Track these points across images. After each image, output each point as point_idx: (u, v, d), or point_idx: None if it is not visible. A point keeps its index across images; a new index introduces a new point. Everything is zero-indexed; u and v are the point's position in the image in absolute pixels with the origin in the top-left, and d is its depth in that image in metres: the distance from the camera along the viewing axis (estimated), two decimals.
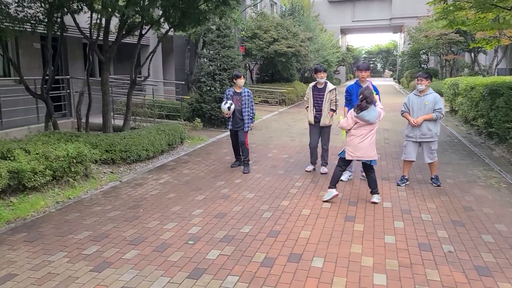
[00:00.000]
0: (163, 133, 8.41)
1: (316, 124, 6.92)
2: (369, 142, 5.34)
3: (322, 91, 6.78)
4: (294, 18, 25.36)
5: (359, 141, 5.32)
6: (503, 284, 3.35)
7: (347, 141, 5.47)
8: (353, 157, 5.42)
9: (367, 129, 5.33)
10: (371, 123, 5.30)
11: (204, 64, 12.25)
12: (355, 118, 5.35)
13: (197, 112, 12.00)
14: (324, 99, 6.77)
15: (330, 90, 6.78)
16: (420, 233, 4.38)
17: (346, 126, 5.44)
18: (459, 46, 25.61)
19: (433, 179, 6.22)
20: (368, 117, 5.24)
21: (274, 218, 4.87)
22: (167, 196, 5.74)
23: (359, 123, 5.33)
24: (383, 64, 73.20)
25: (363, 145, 5.32)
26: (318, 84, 6.83)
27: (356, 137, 5.35)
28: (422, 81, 6.10)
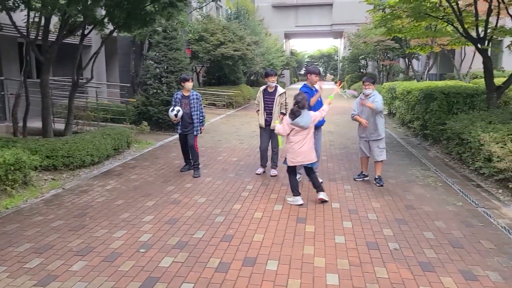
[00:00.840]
0: (108, 137, 8.12)
1: (267, 128, 7.00)
2: (308, 146, 5.52)
3: (272, 95, 6.88)
4: (239, 22, 25.52)
5: (299, 147, 5.50)
6: (445, 278, 3.58)
7: (287, 148, 5.64)
8: (295, 162, 5.57)
9: (304, 134, 5.50)
10: (306, 128, 5.48)
11: (151, 66, 11.99)
12: (291, 125, 5.50)
13: (144, 116, 11.72)
14: (274, 103, 6.87)
15: (280, 94, 6.89)
16: (368, 232, 4.57)
17: (282, 132, 5.61)
18: (395, 52, 27.01)
19: (376, 179, 6.52)
20: (302, 122, 5.42)
21: (227, 222, 4.88)
22: (115, 203, 5.56)
23: (296, 129, 5.49)
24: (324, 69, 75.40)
25: (303, 149, 5.50)
26: (268, 87, 6.92)
27: (295, 143, 5.51)
28: (370, 86, 6.42)
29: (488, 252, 4.08)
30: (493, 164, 6.11)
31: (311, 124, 5.51)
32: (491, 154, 6.20)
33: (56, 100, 11.80)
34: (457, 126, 7.74)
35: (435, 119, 9.32)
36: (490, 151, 6.28)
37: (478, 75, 20.90)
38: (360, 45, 28.85)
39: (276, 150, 7.13)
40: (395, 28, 11.17)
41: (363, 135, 6.64)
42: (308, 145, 5.52)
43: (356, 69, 36.59)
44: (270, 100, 6.91)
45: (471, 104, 9.43)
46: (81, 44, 8.88)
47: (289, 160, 5.59)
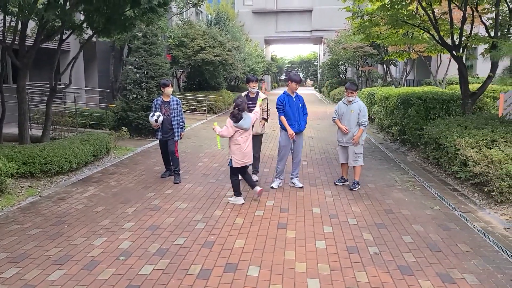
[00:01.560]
0: (87, 143, 8.01)
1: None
2: (250, 147, 5.88)
3: (254, 100, 6.86)
4: (220, 27, 25.55)
5: (245, 148, 5.76)
6: (424, 281, 3.65)
7: (233, 150, 5.80)
8: (241, 164, 5.78)
9: (246, 136, 5.81)
10: (247, 130, 5.77)
11: (130, 71, 11.88)
12: (234, 128, 5.70)
13: (123, 121, 11.59)
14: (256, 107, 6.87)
15: (262, 99, 6.83)
16: (348, 237, 4.62)
17: (226, 134, 5.78)
18: (373, 59, 27.47)
19: (352, 184, 6.60)
20: (245, 125, 5.72)
21: (208, 228, 4.86)
22: (94, 210, 5.48)
23: (240, 131, 5.73)
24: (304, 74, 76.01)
25: (248, 150, 5.82)
26: (250, 93, 6.93)
27: (241, 144, 5.74)
28: (353, 93, 6.50)
29: (464, 255, 4.18)
30: (468, 169, 6.27)
31: (251, 126, 5.88)
32: (466, 158, 6.36)
33: (33, 105, 11.58)
34: (434, 131, 7.91)
35: (413, 124, 9.50)
36: (466, 155, 6.44)
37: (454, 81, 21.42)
38: (339, 51, 29.20)
39: (257, 155, 7.11)
40: (373, 35, 11.37)
41: (340, 139, 6.73)
42: (250, 146, 5.88)
43: (335, 75, 37.03)
44: (252, 106, 6.90)
45: (447, 109, 9.66)
46: (59, 49, 8.73)
47: (236, 162, 5.77)
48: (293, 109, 6.50)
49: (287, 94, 6.54)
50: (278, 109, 6.60)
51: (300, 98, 6.64)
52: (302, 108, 6.61)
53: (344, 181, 6.85)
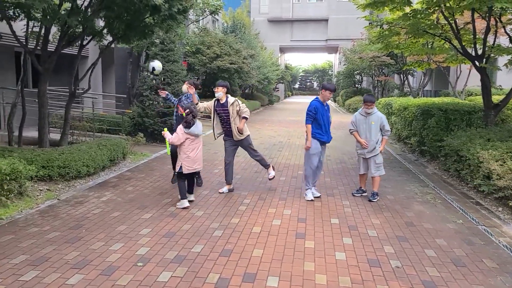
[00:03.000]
0: (104, 148, 8.05)
1: (230, 141, 6.81)
2: (201, 153, 5.95)
3: (224, 106, 6.59)
4: (236, 35, 25.67)
5: (195, 154, 5.81)
6: None
7: (183, 157, 5.78)
8: (191, 170, 5.83)
9: (198, 142, 5.88)
10: (199, 136, 5.83)
11: (147, 77, 11.97)
12: (186, 134, 5.70)
13: (139, 127, 11.65)
14: (229, 114, 6.58)
15: (231, 103, 6.57)
16: (368, 249, 4.51)
17: (176, 141, 5.77)
18: (390, 68, 27.28)
19: (371, 195, 6.48)
20: (197, 131, 5.73)
21: (225, 236, 4.80)
22: (111, 215, 5.46)
23: (191, 138, 5.74)
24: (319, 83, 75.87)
25: (198, 156, 5.87)
26: (219, 99, 6.64)
27: (192, 151, 5.76)
28: (372, 106, 6.41)
29: (490, 271, 4.04)
30: (492, 182, 6.11)
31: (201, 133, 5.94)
32: (490, 171, 6.20)
33: (52, 110, 11.72)
34: (455, 143, 7.76)
35: (433, 135, 9.34)
36: (490, 168, 6.29)
37: (473, 93, 21.12)
38: (355, 61, 29.09)
39: (258, 157, 6.98)
40: (393, 44, 11.28)
41: (361, 151, 6.61)
42: (201, 153, 5.95)
43: (351, 84, 36.83)
44: (223, 111, 6.62)
45: (469, 121, 9.46)
46: (79, 54, 8.83)
47: (186, 168, 5.77)
48: (324, 118, 6.35)
49: (319, 101, 6.39)
50: (308, 116, 6.35)
51: (328, 107, 6.55)
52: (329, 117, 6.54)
53: (363, 192, 6.73)
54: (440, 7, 7.90)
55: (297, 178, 7.92)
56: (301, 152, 10.81)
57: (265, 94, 33.97)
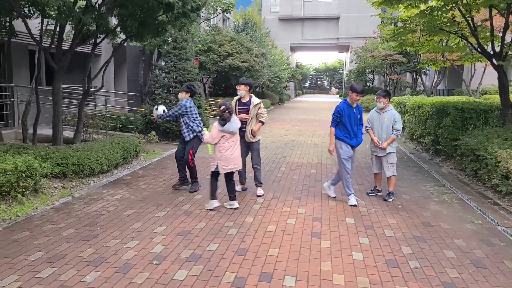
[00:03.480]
0: (117, 146, 8.06)
1: (242, 141, 6.33)
2: (238, 152, 5.68)
3: (247, 105, 6.38)
4: (247, 34, 25.63)
5: (231, 153, 5.57)
6: None
7: (218, 156, 5.61)
8: (227, 169, 5.62)
9: (234, 140, 5.62)
10: (235, 133, 5.59)
11: (159, 76, 11.99)
12: (220, 132, 5.52)
13: (151, 125, 11.67)
14: (249, 114, 6.35)
15: (255, 104, 6.39)
16: (386, 249, 4.44)
17: (211, 140, 5.62)
18: (403, 67, 27.02)
19: (386, 194, 6.40)
20: (231, 128, 5.51)
21: (240, 235, 4.76)
22: (125, 212, 5.46)
23: (226, 136, 5.52)
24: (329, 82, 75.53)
25: (235, 155, 5.64)
26: (242, 98, 6.43)
27: (227, 150, 5.54)
28: (380, 99, 6.33)
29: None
30: (511, 182, 5.99)
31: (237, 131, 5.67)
32: (508, 171, 6.08)
33: (65, 108, 11.79)
34: (472, 142, 7.63)
35: (448, 134, 9.21)
36: (508, 168, 6.17)
37: (487, 91, 20.82)
38: (367, 59, 28.86)
39: (258, 166, 6.60)
40: (407, 42, 11.15)
41: (374, 149, 6.54)
42: (238, 151, 5.69)
43: (362, 83, 36.59)
44: (245, 110, 6.37)
45: (485, 120, 9.31)
46: (93, 52, 8.86)
47: (222, 168, 5.61)
48: (351, 121, 6.12)
49: (347, 103, 6.14)
50: (333, 119, 6.19)
51: (359, 109, 6.24)
52: (360, 119, 6.26)
53: (378, 191, 6.65)
54: (457, 4, 7.77)
55: (310, 177, 7.86)
56: (313, 151, 10.74)
57: (275, 93, 33.89)
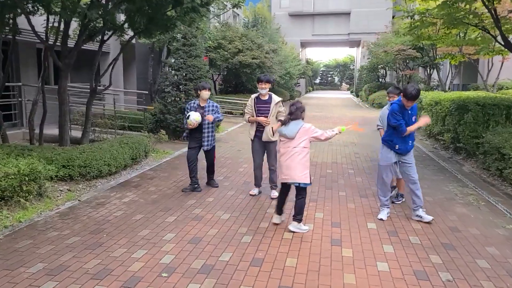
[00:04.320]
0: (126, 146, 7.82)
1: (259, 141, 6.16)
2: (292, 161, 4.75)
3: (267, 103, 6.02)
4: (257, 30, 25.28)
5: (285, 160, 4.81)
6: None
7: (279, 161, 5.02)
8: (283, 179, 4.88)
9: (289, 146, 4.80)
10: (291, 138, 4.78)
11: (169, 73, 11.73)
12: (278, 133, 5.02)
13: (161, 124, 11.42)
14: (270, 112, 6.00)
15: (276, 103, 6.06)
16: (413, 259, 4.10)
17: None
18: (416, 62, 26.45)
19: (397, 196, 6.04)
20: (284, 131, 4.83)
21: (255, 243, 4.45)
22: (133, 217, 5.19)
23: (283, 140, 4.91)
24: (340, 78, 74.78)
25: (289, 164, 4.76)
26: (261, 95, 6.09)
27: (282, 155, 4.89)
28: (394, 97, 5.89)
29: None
30: None
31: (299, 137, 4.77)
32: None
33: (73, 106, 11.60)
34: (497, 139, 7.22)
35: (469, 131, 8.79)
36: None
37: (503, 86, 20.22)
38: (379, 54, 28.32)
39: (273, 168, 6.20)
40: (424, 36, 10.73)
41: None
42: (293, 160, 4.74)
43: (374, 79, 36.02)
44: (265, 109, 6.04)
45: (509, 116, 8.87)
46: (100, 50, 8.62)
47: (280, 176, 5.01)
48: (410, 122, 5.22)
49: (402, 106, 5.18)
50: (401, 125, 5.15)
51: (414, 110, 5.30)
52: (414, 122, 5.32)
53: (402, 198, 6.21)
54: None
55: (326, 177, 7.53)
56: (327, 149, 10.39)
57: (286, 89, 33.50)
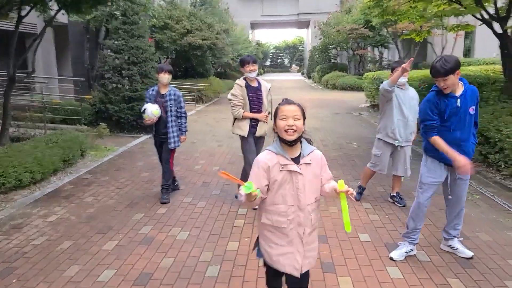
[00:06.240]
0: (55, 146, 6.44)
1: (252, 137, 5.00)
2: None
3: (258, 91, 4.92)
4: (206, 10, 23.76)
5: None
6: None
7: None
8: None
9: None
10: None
11: (108, 56, 10.22)
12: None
13: (102, 115, 9.95)
14: (263, 102, 4.93)
15: (268, 89, 5.01)
16: (429, 285, 3.20)
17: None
18: (368, 41, 26.09)
19: (395, 197, 5.11)
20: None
21: (224, 277, 3.37)
22: (60, 246, 3.94)
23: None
24: (290, 60, 74.32)
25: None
26: (249, 81, 4.93)
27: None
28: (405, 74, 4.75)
29: None
30: None
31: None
32: None
33: None
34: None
35: None
36: None
37: None
38: (331, 34, 27.73)
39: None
40: (389, 10, 9.95)
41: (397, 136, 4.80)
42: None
43: (326, 59, 35.56)
44: (257, 99, 4.91)
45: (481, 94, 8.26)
46: (17, 29, 7.05)
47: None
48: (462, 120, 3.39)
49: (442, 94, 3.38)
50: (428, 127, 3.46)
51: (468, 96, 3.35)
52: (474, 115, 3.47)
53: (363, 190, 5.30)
54: None
55: None
56: None
57: (239, 73, 32.31)
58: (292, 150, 2.35)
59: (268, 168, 2.30)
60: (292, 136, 2.26)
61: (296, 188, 2.32)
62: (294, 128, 2.26)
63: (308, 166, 2.36)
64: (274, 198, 2.34)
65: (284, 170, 2.30)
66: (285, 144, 2.32)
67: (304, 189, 2.33)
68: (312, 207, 2.38)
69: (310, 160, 2.37)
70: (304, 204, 2.33)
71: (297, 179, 2.32)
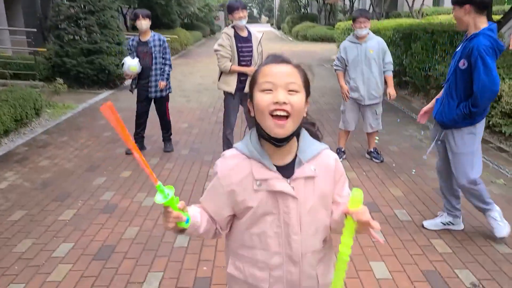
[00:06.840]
0: (5, 104, 5.84)
1: (239, 95, 4.48)
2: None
3: (248, 42, 4.42)
4: None
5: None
6: None
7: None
8: None
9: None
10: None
11: (62, 5, 9.33)
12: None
13: (59, 69, 9.22)
14: (253, 55, 4.43)
15: (259, 40, 4.52)
16: (412, 247, 3.03)
17: None
18: None
19: (372, 153, 4.93)
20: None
21: (195, 247, 3.08)
22: (10, 218, 3.54)
23: None
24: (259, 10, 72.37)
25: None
26: (239, 30, 4.41)
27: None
28: (365, 23, 4.56)
29: None
30: None
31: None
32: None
33: None
34: None
35: (417, 63, 7.90)
36: (510, 102, 5.03)
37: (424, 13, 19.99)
38: None
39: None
40: None
41: (356, 95, 4.67)
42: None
43: (296, 9, 34.63)
44: (247, 50, 4.42)
45: (453, 44, 7.99)
46: None
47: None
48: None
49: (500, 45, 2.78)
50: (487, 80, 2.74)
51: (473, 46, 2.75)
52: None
53: (343, 153, 5.06)
54: None
55: None
56: None
57: (206, 24, 31.02)
58: (279, 151, 1.27)
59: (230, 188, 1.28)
60: (282, 128, 1.18)
61: (285, 224, 1.28)
62: (288, 110, 1.18)
63: (310, 183, 1.29)
64: (245, 237, 1.32)
65: (263, 190, 1.25)
66: (268, 141, 1.25)
67: (301, 224, 1.29)
68: (315, 258, 1.35)
69: (315, 170, 1.29)
70: (299, 252, 1.30)
71: (287, 207, 1.27)
